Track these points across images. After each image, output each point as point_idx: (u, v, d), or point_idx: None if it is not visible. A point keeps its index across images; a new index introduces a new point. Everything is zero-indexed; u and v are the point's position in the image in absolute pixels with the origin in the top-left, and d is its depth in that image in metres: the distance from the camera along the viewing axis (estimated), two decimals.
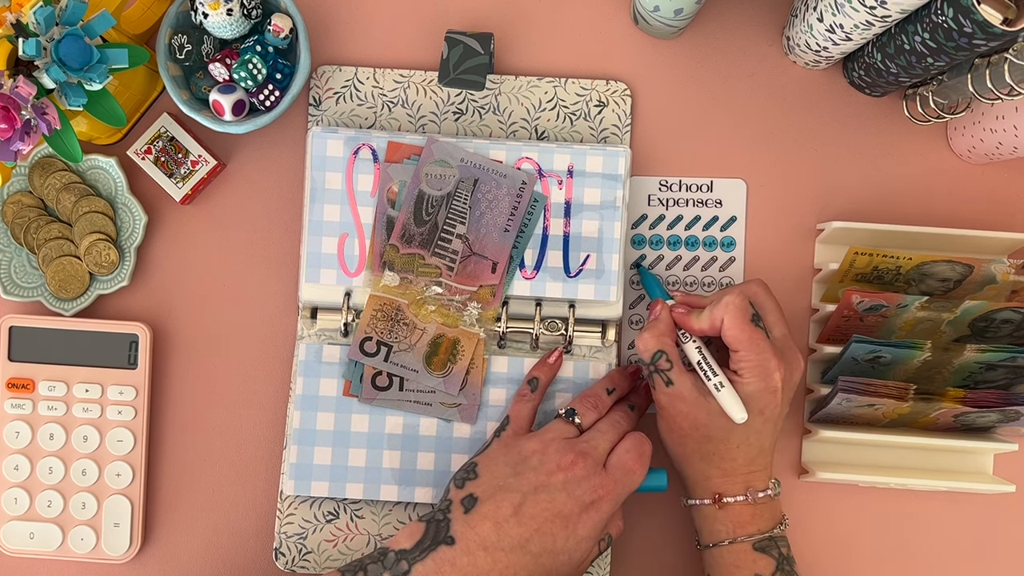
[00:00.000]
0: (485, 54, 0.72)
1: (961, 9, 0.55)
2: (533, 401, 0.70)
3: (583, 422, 0.67)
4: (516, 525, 0.62)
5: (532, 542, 0.62)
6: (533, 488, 0.63)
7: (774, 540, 0.65)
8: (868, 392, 0.68)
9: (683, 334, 0.68)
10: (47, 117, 0.61)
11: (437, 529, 0.62)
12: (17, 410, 0.73)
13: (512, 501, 0.62)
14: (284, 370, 0.75)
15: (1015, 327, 0.69)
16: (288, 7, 0.70)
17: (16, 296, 0.73)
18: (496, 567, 0.61)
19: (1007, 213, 0.76)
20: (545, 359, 0.72)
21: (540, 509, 0.62)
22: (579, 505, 0.63)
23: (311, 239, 0.71)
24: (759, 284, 0.68)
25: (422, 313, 0.72)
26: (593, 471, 0.64)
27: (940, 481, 0.72)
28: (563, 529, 0.62)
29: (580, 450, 0.64)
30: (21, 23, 0.60)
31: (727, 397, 0.64)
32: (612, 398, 0.69)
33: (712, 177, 0.76)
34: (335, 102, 0.75)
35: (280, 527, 0.72)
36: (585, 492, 0.63)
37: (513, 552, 0.61)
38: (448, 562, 0.61)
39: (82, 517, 0.73)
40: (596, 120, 0.75)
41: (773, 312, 0.67)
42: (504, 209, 0.71)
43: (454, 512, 0.63)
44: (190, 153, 0.73)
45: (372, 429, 0.72)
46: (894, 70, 0.67)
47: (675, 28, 0.73)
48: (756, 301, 0.66)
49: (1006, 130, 0.68)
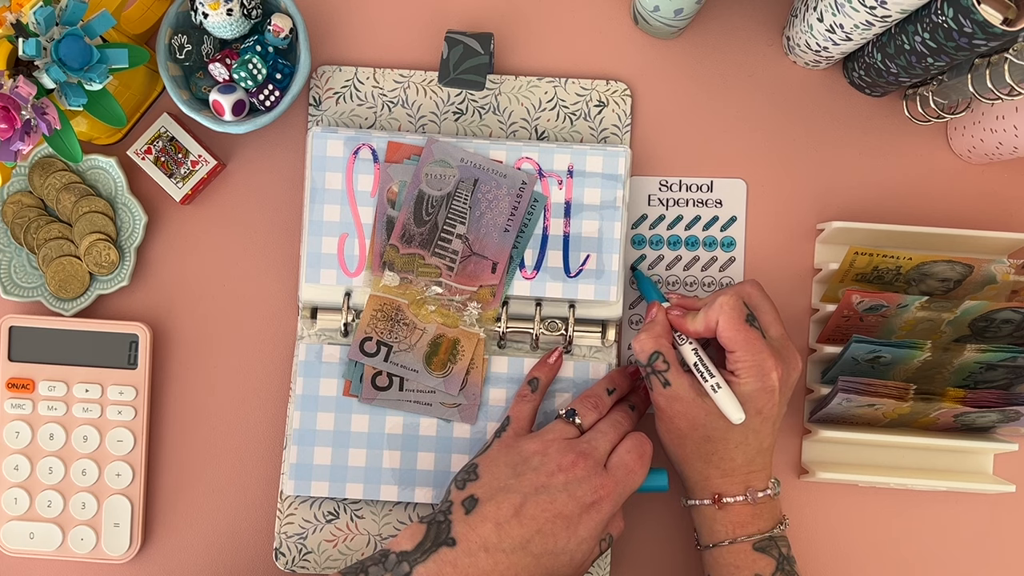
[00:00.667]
0: (485, 54, 0.72)
1: (961, 9, 0.55)
2: (533, 401, 0.70)
3: (584, 423, 0.67)
4: (517, 526, 0.62)
5: (533, 543, 0.62)
6: (534, 489, 0.63)
7: (774, 540, 0.65)
8: (868, 392, 0.68)
9: (679, 336, 0.68)
10: (47, 117, 0.61)
11: (438, 530, 0.62)
12: (17, 410, 0.73)
13: (513, 502, 0.62)
14: (284, 370, 0.75)
15: (1015, 327, 0.69)
16: (288, 7, 0.70)
17: (16, 296, 0.73)
18: (497, 568, 0.61)
19: (1007, 213, 0.76)
20: (545, 359, 0.72)
21: (541, 510, 0.62)
22: (580, 505, 0.63)
23: (311, 239, 0.71)
24: (753, 285, 0.68)
25: (422, 313, 0.72)
26: (594, 471, 0.64)
27: (940, 481, 0.72)
28: (564, 530, 0.62)
29: (581, 450, 0.64)
30: (21, 23, 0.60)
31: (724, 398, 0.64)
32: (612, 398, 0.69)
33: (712, 177, 0.76)
34: (335, 102, 0.75)
35: (280, 527, 0.72)
36: (586, 492, 0.63)
37: (514, 553, 0.61)
38: (449, 563, 0.61)
39: (82, 517, 0.73)
40: (596, 120, 0.75)
41: (768, 312, 0.67)
42: (504, 209, 0.71)
43: (455, 513, 0.63)
44: (190, 153, 0.73)
45: (372, 429, 0.72)
46: (894, 70, 0.67)
47: (675, 28, 0.73)
48: (751, 302, 0.66)
49: (1006, 130, 0.68)
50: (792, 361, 0.66)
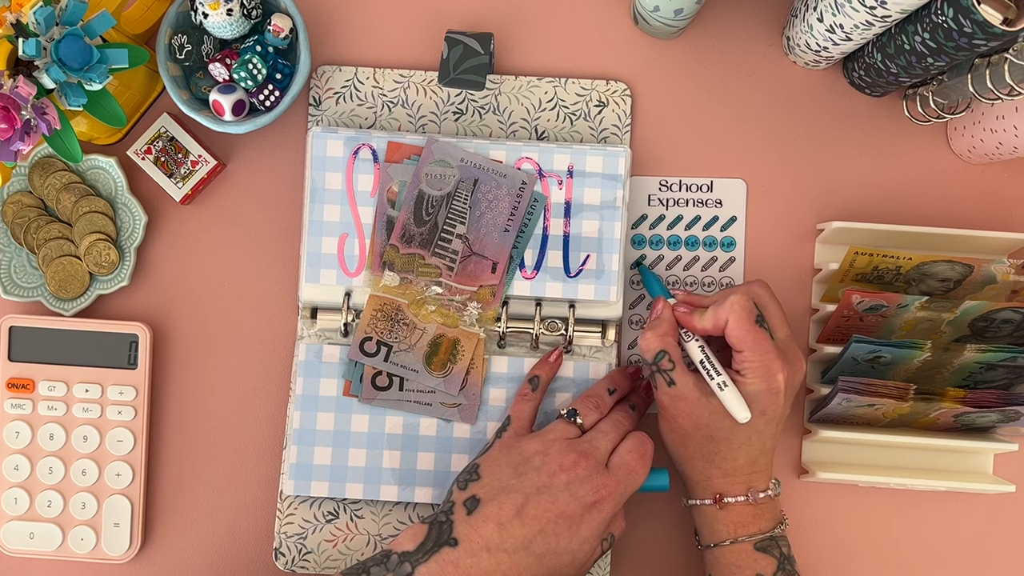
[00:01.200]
0: (485, 54, 0.72)
1: (961, 9, 0.55)
2: (534, 400, 0.70)
3: (585, 422, 0.67)
4: (519, 526, 0.62)
5: (535, 543, 0.62)
6: (536, 489, 0.63)
7: (775, 540, 0.65)
8: (868, 392, 0.68)
9: (685, 333, 0.68)
10: (47, 117, 0.61)
11: (440, 531, 0.62)
12: (17, 410, 0.73)
13: (515, 502, 0.62)
14: (284, 370, 0.75)
15: (1015, 327, 0.69)
16: (288, 7, 0.70)
17: (16, 296, 0.73)
18: (500, 568, 0.61)
19: (1007, 213, 0.76)
20: (546, 358, 0.72)
21: (543, 510, 0.62)
22: (582, 505, 0.63)
23: (311, 239, 0.71)
24: (762, 285, 0.68)
25: (422, 313, 0.72)
26: (595, 471, 0.64)
27: (940, 481, 0.72)
28: (566, 529, 0.62)
29: (582, 450, 0.64)
30: (21, 23, 0.60)
31: (730, 397, 0.64)
32: (613, 398, 0.69)
33: (712, 177, 0.76)
34: (335, 102, 0.75)
35: (280, 527, 0.72)
36: (588, 492, 0.63)
37: (516, 553, 0.61)
38: (451, 563, 0.61)
39: (82, 517, 0.73)
40: (596, 120, 0.75)
41: (776, 313, 0.67)
42: (504, 209, 0.71)
43: (457, 513, 0.63)
44: (190, 153, 0.73)
45: (372, 429, 0.72)
46: (894, 70, 0.67)
47: (675, 28, 0.73)
48: (760, 302, 0.66)
49: (1006, 130, 0.68)
50: (797, 363, 0.66)
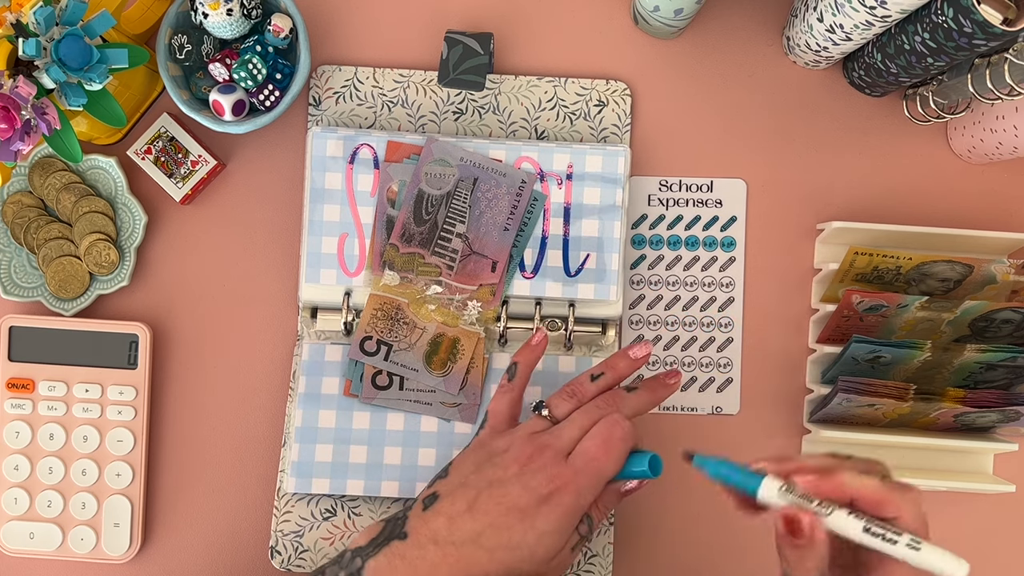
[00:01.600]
0: (485, 54, 0.72)
1: (961, 9, 0.55)
2: (511, 392, 0.67)
3: (556, 414, 0.64)
4: (469, 519, 0.60)
5: (485, 536, 0.59)
6: (488, 483, 0.61)
7: None
8: (868, 392, 0.68)
9: (820, 504, 0.51)
10: (47, 117, 0.61)
11: (393, 526, 0.61)
12: (17, 410, 0.73)
13: (467, 496, 0.60)
14: (284, 370, 0.75)
15: (1015, 327, 0.69)
16: (288, 7, 0.70)
17: (16, 296, 0.73)
18: (446, 560, 0.59)
19: (1007, 213, 0.76)
20: (528, 341, 0.69)
21: (495, 503, 0.60)
22: (535, 497, 0.60)
23: (311, 239, 0.71)
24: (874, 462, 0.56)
25: (422, 312, 0.72)
26: (552, 461, 0.61)
27: (940, 481, 0.72)
28: (519, 522, 0.59)
29: (541, 443, 0.62)
30: (21, 23, 0.60)
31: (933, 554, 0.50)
32: (597, 385, 0.65)
33: (712, 177, 0.76)
34: (335, 102, 0.75)
35: (276, 525, 0.72)
36: (540, 483, 0.60)
37: (464, 546, 0.59)
38: (398, 555, 0.60)
39: (82, 517, 0.73)
40: (596, 120, 0.75)
41: None
42: (504, 208, 0.71)
43: (414, 509, 0.62)
44: (190, 153, 0.73)
45: (373, 426, 0.72)
46: (894, 70, 0.67)
47: (675, 28, 0.73)
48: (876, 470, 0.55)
49: (1006, 130, 0.68)
50: None
